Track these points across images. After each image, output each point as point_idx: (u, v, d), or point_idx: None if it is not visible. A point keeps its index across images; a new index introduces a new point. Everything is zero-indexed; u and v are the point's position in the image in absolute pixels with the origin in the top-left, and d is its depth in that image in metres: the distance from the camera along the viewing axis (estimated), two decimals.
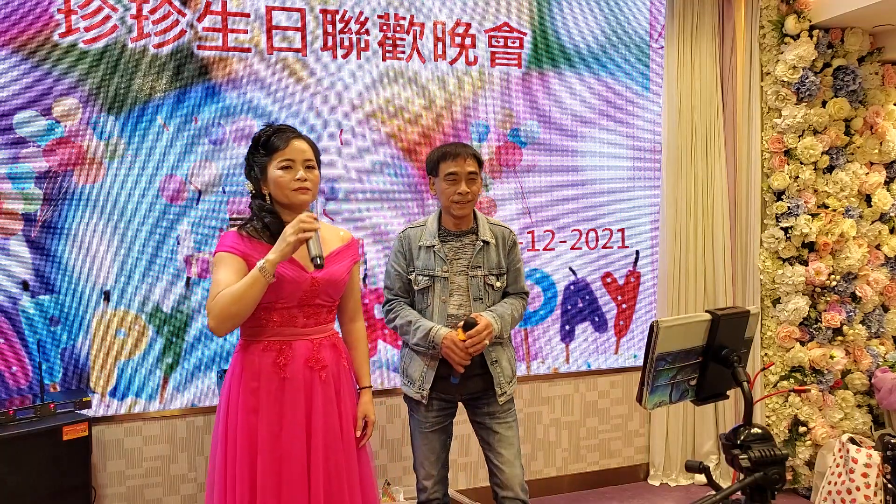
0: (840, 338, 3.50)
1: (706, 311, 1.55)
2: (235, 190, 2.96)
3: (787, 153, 3.50)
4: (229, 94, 2.95)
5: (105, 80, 2.80)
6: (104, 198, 2.81)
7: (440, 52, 3.26)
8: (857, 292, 3.54)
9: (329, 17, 3.07)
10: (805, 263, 3.50)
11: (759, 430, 1.45)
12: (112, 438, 2.84)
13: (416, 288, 2.38)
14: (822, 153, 3.47)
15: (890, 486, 2.71)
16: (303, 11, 3.03)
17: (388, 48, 3.17)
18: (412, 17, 3.21)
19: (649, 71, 3.60)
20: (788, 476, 3.52)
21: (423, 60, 3.23)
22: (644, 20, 3.59)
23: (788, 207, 3.46)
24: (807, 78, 3.39)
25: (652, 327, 1.46)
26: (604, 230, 3.57)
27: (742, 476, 1.40)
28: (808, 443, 3.45)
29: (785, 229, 3.49)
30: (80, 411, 2.56)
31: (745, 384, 1.50)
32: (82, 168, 2.78)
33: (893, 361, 3.55)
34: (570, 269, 3.53)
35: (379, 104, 3.17)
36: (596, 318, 3.59)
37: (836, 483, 3.06)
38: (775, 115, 3.52)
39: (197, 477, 2.95)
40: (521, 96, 3.39)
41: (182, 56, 2.88)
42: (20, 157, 2.70)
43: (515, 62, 3.38)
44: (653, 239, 3.66)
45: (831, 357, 3.46)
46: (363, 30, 3.13)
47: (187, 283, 2.92)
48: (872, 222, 3.62)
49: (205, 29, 2.91)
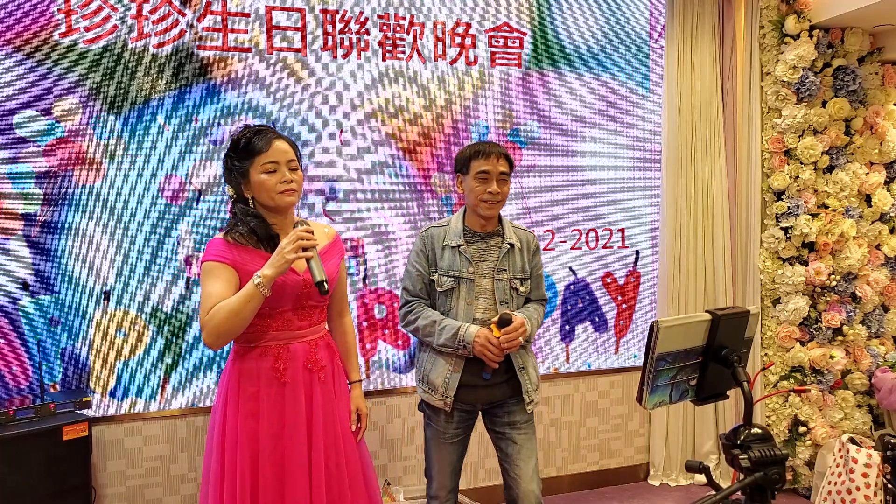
0: (840, 338, 3.50)
1: (706, 311, 1.55)
2: None
3: (787, 153, 3.50)
4: (229, 94, 2.95)
5: (105, 80, 2.80)
6: (104, 198, 2.81)
7: (440, 52, 3.26)
8: (857, 292, 3.54)
9: (329, 17, 3.07)
10: (805, 263, 3.50)
11: (759, 430, 1.45)
12: (112, 438, 2.84)
13: (439, 289, 2.28)
14: (822, 153, 3.47)
15: (890, 486, 2.71)
16: (303, 11, 3.03)
17: (388, 48, 3.17)
18: (412, 17, 3.21)
19: (649, 71, 3.60)
20: (788, 476, 3.52)
21: (423, 60, 3.23)
22: (644, 20, 3.59)
23: (788, 207, 3.46)
24: (807, 78, 3.39)
25: (652, 327, 1.46)
26: (604, 230, 3.57)
27: (742, 476, 1.40)
28: (808, 443, 3.45)
29: (785, 229, 3.49)
30: (80, 411, 2.56)
31: (745, 384, 1.50)
32: (82, 168, 2.78)
33: (893, 361, 3.55)
34: (570, 269, 3.53)
35: (379, 104, 3.17)
36: (596, 318, 3.59)
37: (836, 483, 3.06)
38: (775, 115, 3.52)
39: (197, 477, 2.94)
40: (520, 96, 3.39)
41: (182, 56, 2.88)
42: (20, 157, 2.70)
43: (515, 62, 3.38)
44: (653, 239, 3.66)
45: (831, 357, 3.45)
46: (363, 30, 3.13)
47: (187, 283, 2.92)
48: (872, 222, 3.62)
49: (205, 29, 2.91)
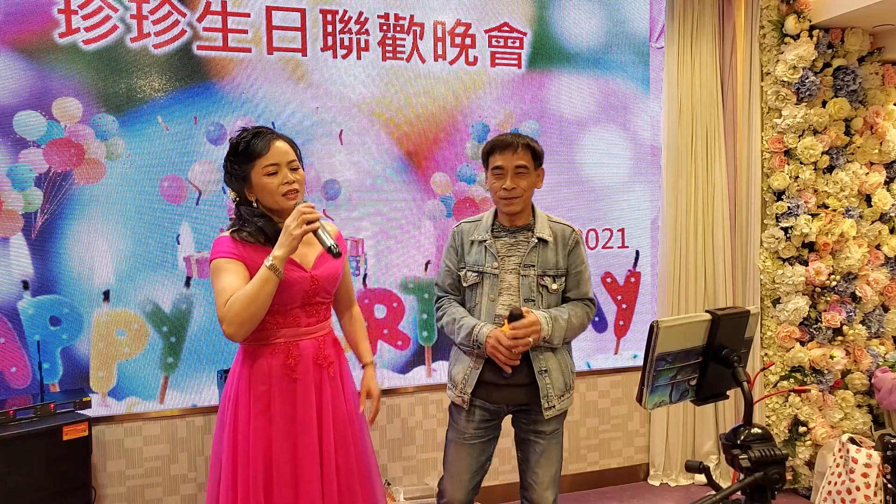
0: (840, 338, 3.50)
1: (706, 311, 1.55)
2: None
3: (787, 153, 3.50)
4: (229, 94, 2.95)
5: (105, 80, 2.79)
6: (104, 198, 2.81)
7: (440, 52, 3.25)
8: (857, 292, 3.54)
9: (329, 17, 3.07)
10: (805, 263, 3.50)
11: (759, 430, 1.45)
12: (112, 438, 2.84)
13: (465, 285, 2.25)
14: (822, 153, 3.47)
15: (890, 486, 2.71)
16: (303, 11, 3.03)
17: (388, 48, 3.17)
18: (412, 17, 3.21)
19: (649, 71, 3.60)
20: (788, 476, 3.52)
21: (423, 60, 3.23)
22: (644, 20, 3.59)
23: (788, 207, 3.46)
24: (807, 78, 3.39)
25: (652, 327, 1.46)
26: (604, 230, 3.57)
27: (742, 476, 1.39)
28: (808, 443, 3.45)
29: (785, 229, 3.49)
30: (80, 411, 2.56)
31: (745, 384, 1.50)
32: (82, 168, 2.78)
33: (893, 361, 3.55)
34: None
35: (379, 104, 3.16)
36: (596, 318, 3.58)
37: (836, 483, 3.06)
38: (775, 115, 3.52)
39: (197, 477, 2.95)
40: (520, 96, 3.39)
41: (182, 56, 2.88)
42: (20, 157, 2.70)
43: (515, 62, 3.38)
44: (653, 239, 3.66)
45: (831, 357, 3.45)
46: (363, 30, 3.13)
47: (187, 283, 2.92)
48: (872, 222, 3.62)
49: (205, 29, 2.91)
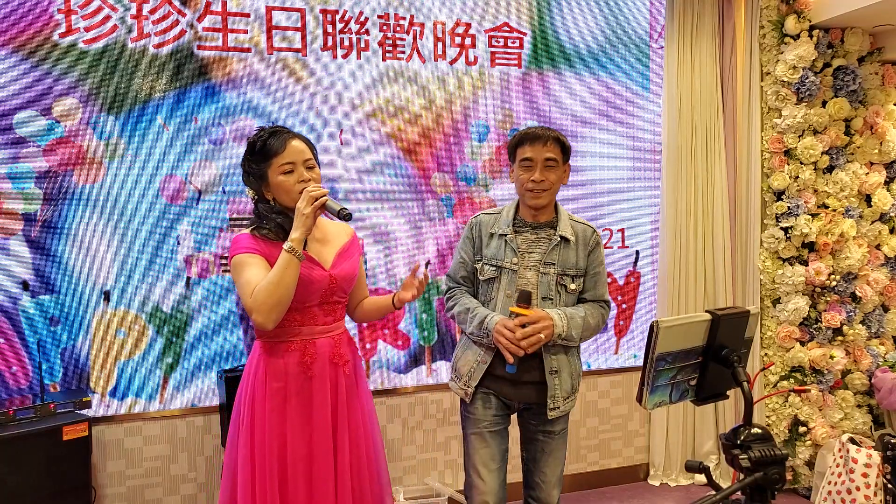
0: (840, 338, 3.50)
1: (706, 311, 1.55)
2: (235, 190, 2.95)
3: (787, 153, 3.50)
4: (229, 94, 2.95)
5: (105, 80, 2.79)
6: (104, 198, 2.81)
7: (440, 52, 3.25)
8: (857, 292, 3.54)
9: (329, 17, 3.07)
10: (805, 263, 3.50)
11: (759, 430, 1.45)
12: (112, 438, 2.84)
13: (481, 278, 2.22)
14: (822, 153, 3.47)
15: (890, 486, 2.72)
16: (303, 11, 3.03)
17: (388, 48, 3.17)
18: (412, 17, 3.21)
19: (649, 71, 3.60)
20: (788, 476, 3.52)
21: (423, 60, 3.23)
22: (644, 20, 3.58)
23: (788, 207, 3.46)
24: (807, 78, 3.39)
25: (652, 327, 1.46)
26: (604, 230, 3.57)
27: (742, 476, 1.40)
28: (808, 443, 3.45)
29: (785, 229, 3.49)
30: (80, 411, 2.56)
31: (745, 384, 1.50)
32: (82, 168, 2.78)
33: (893, 361, 3.55)
34: None
35: (379, 104, 3.16)
36: None
37: (836, 483, 3.06)
38: (775, 115, 3.52)
39: (197, 477, 2.95)
40: (520, 96, 3.39)
41: (182, 56, 2.88)
42: (20, 157, 2.70)
43: (515, 62, 3.38)
44: (653, 239, 3.66)
45: (831, 357, 3.45)
46: (363, 30, 3.13)
47: (187, 283, 2.92)
48: (872, 222, 3.62)
49: (205, 29, 2.91)
